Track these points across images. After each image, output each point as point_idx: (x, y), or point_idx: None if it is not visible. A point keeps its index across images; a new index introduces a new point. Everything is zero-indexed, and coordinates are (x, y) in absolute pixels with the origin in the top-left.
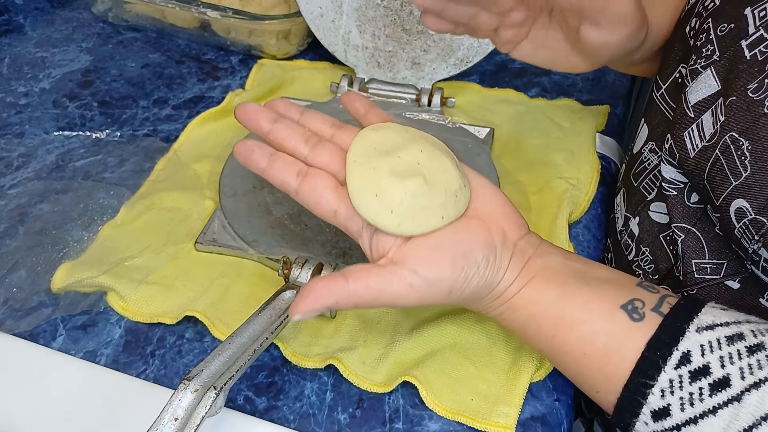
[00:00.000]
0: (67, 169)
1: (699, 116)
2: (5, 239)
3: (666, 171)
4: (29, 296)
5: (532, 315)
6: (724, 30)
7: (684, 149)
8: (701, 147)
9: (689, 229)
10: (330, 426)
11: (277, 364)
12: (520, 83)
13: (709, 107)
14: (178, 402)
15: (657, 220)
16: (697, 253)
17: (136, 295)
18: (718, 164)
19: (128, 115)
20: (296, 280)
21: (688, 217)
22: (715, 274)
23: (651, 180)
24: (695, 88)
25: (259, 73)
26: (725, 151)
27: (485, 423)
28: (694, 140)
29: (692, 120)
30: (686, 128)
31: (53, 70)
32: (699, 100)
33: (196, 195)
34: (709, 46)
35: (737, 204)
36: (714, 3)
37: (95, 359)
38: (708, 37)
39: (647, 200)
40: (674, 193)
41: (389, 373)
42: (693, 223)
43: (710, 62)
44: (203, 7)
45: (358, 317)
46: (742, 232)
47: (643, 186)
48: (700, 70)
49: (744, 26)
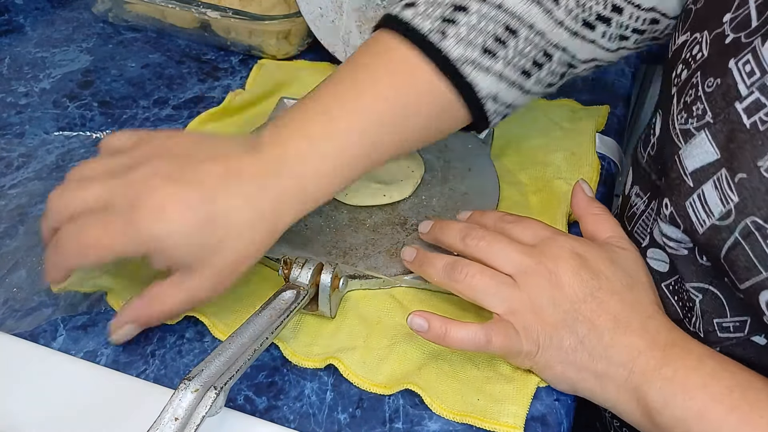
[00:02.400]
0: (67, 169)
1: (699, 186)
2: (5, 239)
3: (670, 231)
4: (29, 296)
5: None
6: (711, 86)
7: (689, 220)
8: (711, 225)
9: (706, 289)
10: (330, 426)
11: (277, 364)
12: None
13: (710, 177)
14: (178, 402)
15: (656, 268)
16: (717, 312)
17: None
18: (739, 249)
19: (128, 115)
20: (296, 280)
21: (702, 276)
22: (739, 332)
23: (641, 226)
24: (690, 152)
25: (259, 73)
26: (748, 237)
27: (494, 423)
28: (699, 214)
29: (692, 189)
30: (687, 197)
31: (53, 70)
32: (697, 168)
33: None
34: (699, 104)
35: (767, 296)
36: (702, 54)
37: (95, 359)
38: (697, 93)
39: (642, 246)
40: (684, 253)
41: (390, 375)
42: (709, 281)
43: (703, 124)
44: (203, 7)
45: (359, 317)
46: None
47: (635, 232)
48: (693, 132)
49: (732, 83)
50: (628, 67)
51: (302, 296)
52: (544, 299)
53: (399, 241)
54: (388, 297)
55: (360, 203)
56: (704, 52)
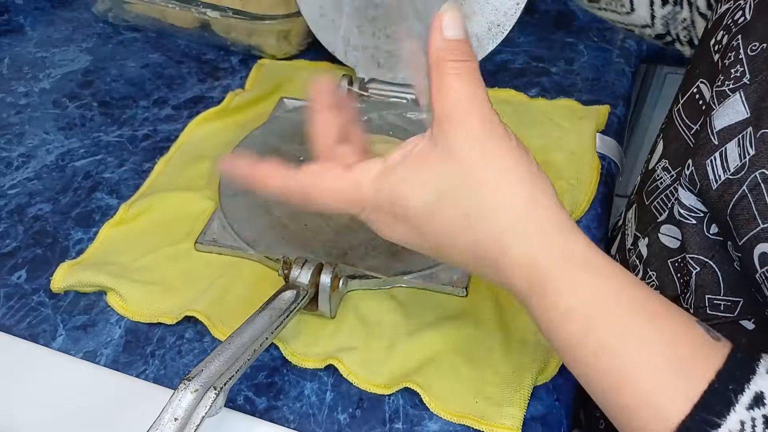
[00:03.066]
0: (67, 169)
1: (723, 144)
2: (5, 239)
3: (685, 197)
4: (29, 296)
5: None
6: (755, 50)
7: (706, 178)
8: (724, 179)
9: (705, 262)
10: (330, 426)
11: (277, 364)
12: (520, 83)
13: (736, 136)
14: (178, 402)
15: (667, 243)
16: (711, 288)
17: (136, 295)
18: (744, 202)
19: (128, 115)
20: (296, 280)
21: (705, 249)
22: (729, 312)
23: (663, 200)
24: (722, 113)
25: (259, 73)
26: (754, 189)
27: (491, 425)
28: (716, 170)
29: (716, 147)
30: (709, 156)
31: (53, 70)
32: (725, 127)
33: (196, 195)
34: (738, 67)
35: (762, 248)
36: (745, 18)
37: (95, 359)
38: (737, 56)
39: (658, 221)
40: (693, 222)
41: (390, 375)
42: (710, 256)
43: (739, 85)
44: (203, 7)
45: (358, 317)
46: (764, 278)
47: (654, 206)
48: (728, 93)
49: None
50: (628, 67)
51: (302, 296)
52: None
53: None
54: (387, 297)
55: None
56: (747, 16)
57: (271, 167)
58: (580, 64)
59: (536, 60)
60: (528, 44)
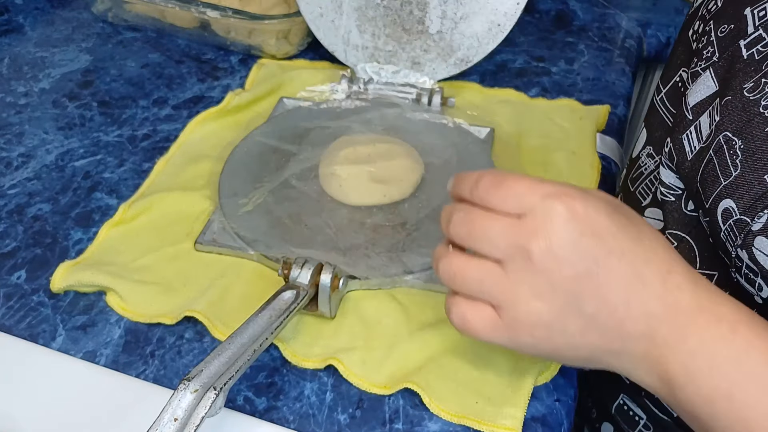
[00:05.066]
0: (66, 169)
1: (697, 118)
2: (5, 239)
3: (665, 175)
4: (29, 296)
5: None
6: (723, 31)
7: (682, 152)
8: (698, 149)
9: (683, 237)
10: (330, 426)
11: (277, 364)
12: (520, 83)
13: (707, 108)
14: (177, 402)
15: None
16: (688, 262)
17: (136, 295)
18: (711, 164)
19: (128, 115)
20: (296, 280)
21: (683, 225)
22: None
23: (647, 185)
24: (694, 90)
25: (259, 72)
26: (718, 151)
27: (491, 425)
28: (692, 142)
29: (690, 122)
30: (685, 131)
31: (53, 70)
32: (697, 102)
33: (196, 195)
34: (709, 48)
35: (724, 204)
36: (716, 5)
37: (95, 359)
38: (709, 39)
39: (642, 205)
40: (672, 200)
41: (390, 376)
42: (688, 231)
43: (710, 64)
44: (203, 7)
45: (358, 318)
46: (726, 234)
47: (639, 191)
48: (700, 72)
49: (743, 26)
50: (628, 67)
51: (302, 296)
52: (538, 285)
53: (399, 241)
54: (388, 297)
55: (360, 203)
56: (718, 3)
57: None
58: (580, 64)
59: (536, 60)
60: (528, 44)
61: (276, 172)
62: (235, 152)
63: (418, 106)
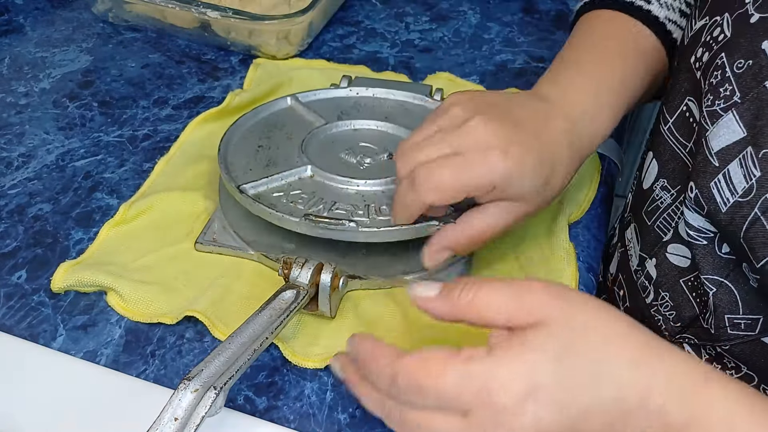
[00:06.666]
0: (67, 169)
1: (725, 165)
2: (5, 239)
3: (692, 219)
4: (29, 296)
5: None
6: (741, 67)
7: (713, 201)
8: (734, 202)
9: (721, 282)
10: (330, 426)
11: (277, 364)
12: (520, 83)
13: (736, 156)
14: (178, 402)
15: (676, 263)
16: (730, 308)
17: (136, 295)
18: (758, 224)
19: (128, 115)
20: (296, 280)
21: (719, 269)
22: (750, 331)
23: (666, 220)
24: (717, 133)
25: (257, 72)
26: (766, 211)
27: None
28: (723, 193)
29: (718, 169)
30: (712, 178)
31: (53, 70)
32: (723, 147)
33: (196, 195)
34: (727, 86)
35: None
36: (725, 35)
37: (95, 359)
38: (724, 74)
39: (663, 241)
40: (703, 243)
41: None
42: (725, 275)
43: (731, 104)
44: (203, 8)
45: (358, 317)
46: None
47: (657, 225)
48: (720, 113)
49: (764, 63)
50: None
51: (302, 296)
52: None
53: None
54: (388, 297)
55: None
56: (726, 33)
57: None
58: None
59: (536, 60)
60: (528, 44)
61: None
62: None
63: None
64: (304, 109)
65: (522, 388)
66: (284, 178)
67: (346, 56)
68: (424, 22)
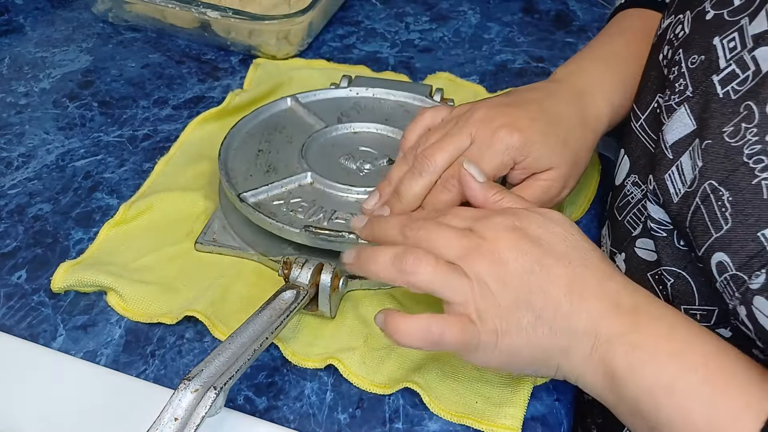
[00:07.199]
0: (67, 169)
1: (678, 158)
2: (5, 239)
3: (653, 211)
4: (29, 296)
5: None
6: (695, 62)
7: (667, 193)
8: (684, 193)
9: (678, 273)
10: (330, 426)
11: (277, 364)
12: (520, 83)
13: (687, 149)
14: (178, 402)
15: (644, 257)
16: (686, 299)
17: (136, 295)
18: (699, 213)
19: (128, 115)
20: (296, 280)
21: (677, 260)
22: (706, 321)
23: (635, 215)
24: (671, 126)
25: (257, 72)
26: (705, 200)
27: (491, 425)
28: (676, 184)
29: (671, 162)
30: (666, 170)
31: (53, 70)
32: (676, 140)
33: (196, 195)
34: (681, 81)
35: (718, 257)
36: (684, 31)
37: (95, 359)
38: (680, 70)
39: (632, 236)
40: (663, 235)
41: (390, 375)
42: (683, 267)
43: (684, 98)
44: (203, 8)
45: (358, 317)
46: (723, 286)
47: (627, 221)
48: (674, 107)
49: (714, 59)
50: None
51: (302, 296)
52: (492, 280)
53: None
54: (388, 297)
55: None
56: (686, 30)
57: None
58: None
59: (536, 60)
60: (528, 44)
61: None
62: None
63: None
64: (304, 111)
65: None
66: (284, 185)
67: (346, 56)
68: (424, 22)
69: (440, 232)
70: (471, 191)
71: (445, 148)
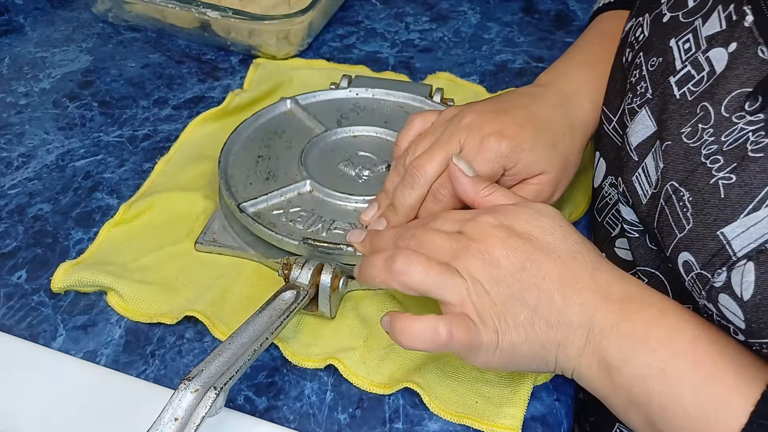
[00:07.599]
0: (67, 169)
1: (642, 160)
2: (5, 239)
3: (625, 213)
4: (29, 296)
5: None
6: (654, 65)
7: (636, 194)
8: (651, 194)
9: (652, 273)
10: (330, 426)
11: (277, 364)
12: (520, 83)
13: (650, 150)
14: (178, 402)
15: (623, 257)
16: None
17: (136, 295)
18: (664, 214)
19: (128, 115)
20: (296, 280)
21: (650, 261)
22: None
23: (613, 216)
24: (634, 129)
25: (257, 72)
26: (668, 200)
27: (491, 425)
28: (643, 186)
29: (637, 164)
30: (633, 172)
31: (53, 70)
32: (639, 143)
33: (196, 195)
34: (642, 83)
35: (684, 257)
36: (644, 34)
37: (95, 359)
38: (641, 72)
39: (612, 236)
40: (636, 236)
41: (390, 375)
42: (656, 267)
43: (645, 101)
44: (203, 7)
45: (358, 317)
46: (691, 285)
47: (606, 222)
48: (636, 110)
49: (671, 60)
50: None
51: (302, 296)
52: (485, 279)
53: None
54: (388, 297)
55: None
56: (645, 33)
57: None
58: None
59: (536, 60)
60: (528, 44)
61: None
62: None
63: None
64: (303, 114)
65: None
66: (283, 194)
67: (346, 56)
68: (424, 22)
69: (430, 238)
70: (461, 186)
71: (434, 158)
